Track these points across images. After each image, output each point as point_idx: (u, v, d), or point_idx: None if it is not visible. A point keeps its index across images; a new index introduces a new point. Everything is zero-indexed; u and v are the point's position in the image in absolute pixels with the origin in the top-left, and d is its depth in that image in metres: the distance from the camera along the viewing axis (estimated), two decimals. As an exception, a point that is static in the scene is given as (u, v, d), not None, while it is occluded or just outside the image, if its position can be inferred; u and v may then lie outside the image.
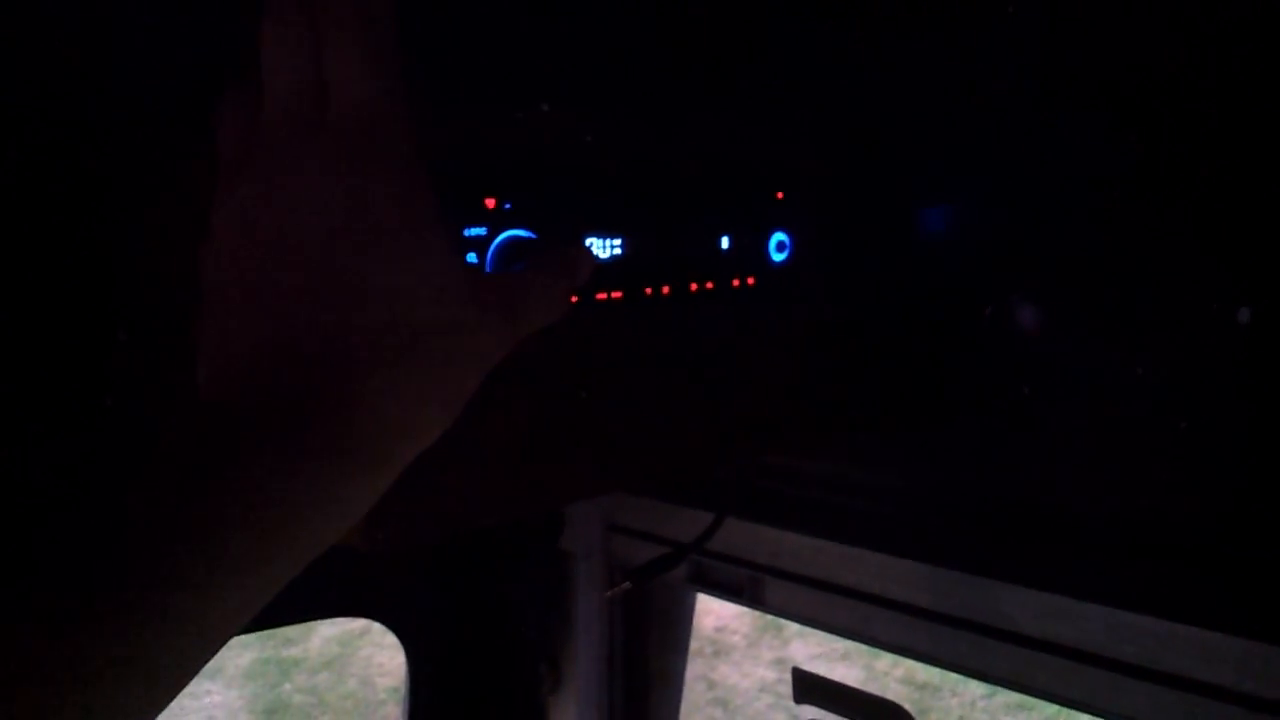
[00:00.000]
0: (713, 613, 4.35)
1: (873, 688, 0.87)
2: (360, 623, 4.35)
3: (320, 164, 0.38)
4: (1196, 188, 0.57)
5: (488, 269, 0.53)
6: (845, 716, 0.86)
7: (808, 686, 0.88)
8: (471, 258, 0.52)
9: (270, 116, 0.39)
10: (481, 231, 0.52)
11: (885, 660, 3.99)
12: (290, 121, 0.38)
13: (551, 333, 0.56)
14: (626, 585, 0.66)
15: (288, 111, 0.38)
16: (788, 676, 0.90)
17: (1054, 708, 3.54)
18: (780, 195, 0.65)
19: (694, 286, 0.62)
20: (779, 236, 0.65)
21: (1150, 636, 0.61)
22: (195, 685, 4.28)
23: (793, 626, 4.27)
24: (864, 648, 4.14)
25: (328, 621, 4.37)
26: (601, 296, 0.58)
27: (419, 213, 0.40)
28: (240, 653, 4.30)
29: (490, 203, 0.52)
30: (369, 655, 4.31)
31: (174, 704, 0.33)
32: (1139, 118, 0.58)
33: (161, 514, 0.32)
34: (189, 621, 0.32)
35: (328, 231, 0.38)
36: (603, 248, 0.57)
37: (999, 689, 3.63)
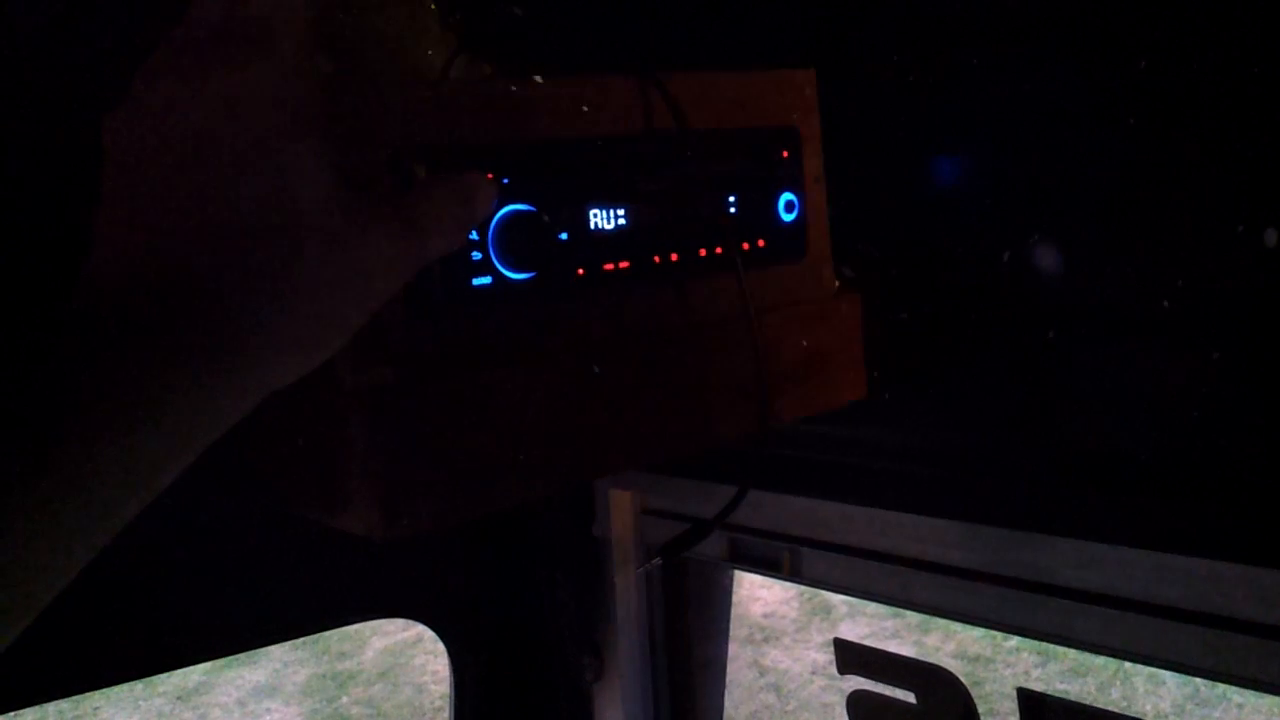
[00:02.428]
0: (760, 599, 4.34)
1: (924, 662, 0.86)
2: (412, 632, 4.38)
3: (202, 67, 0.39)
4: (1214, 110, 0.55)
5: (490, 246, 0.52)
6: (891, 685, 0.85)
7: (851, 656, 0.87)
8: (473, 235, 0.52)
9: (188, 16, 0.40)
10: None
11: (935, 636, 3.96)
12: (195, 23, 0.39)
13: (561, 306, 0.56)
14: (658, 561, 0.65)
15: (198, 14, 0.40)
16: (839, 657, 0.89)
17: (1110, 671, 3.50)
18: (785, 154, 0.64)
19: (703, 252, 0.61)
20: (787, 196, 0.64)
21: (1196, 578, 0.60)
22: (255, 704, 4.30)
23: (841, 608, 4.24)
24: (914, 625, 4.13)
25: (381, 633, 4.42)
26: (609, 267, 0.57)
27: (303, 123, 0.40)
28: (296, 669, 4.35)
29: (489, 179, 0.51)
30: (423, 663, 4.34)
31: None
32: (1148, 40, 0.56)
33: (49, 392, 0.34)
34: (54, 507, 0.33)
35: (207, 135, 0.38)
36: (607, 218, 0.57)
37: (1052, 657, 3.61)
